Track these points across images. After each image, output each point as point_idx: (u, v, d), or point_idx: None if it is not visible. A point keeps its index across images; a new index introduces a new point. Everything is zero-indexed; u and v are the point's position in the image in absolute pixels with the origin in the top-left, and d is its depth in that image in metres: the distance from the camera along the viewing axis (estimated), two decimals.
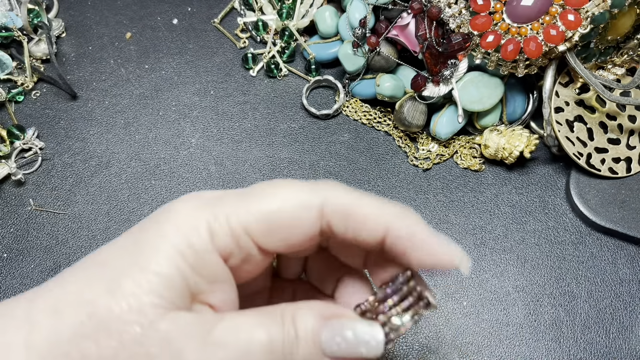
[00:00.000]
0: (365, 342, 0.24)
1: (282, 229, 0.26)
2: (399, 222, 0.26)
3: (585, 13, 0.38)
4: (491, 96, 0.42)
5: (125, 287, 0.24)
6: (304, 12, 0.49)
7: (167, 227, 0.25)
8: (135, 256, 0.25)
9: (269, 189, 0.26)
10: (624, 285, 0.40)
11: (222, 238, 0.25)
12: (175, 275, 0.24)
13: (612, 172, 0.42)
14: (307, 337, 0.25)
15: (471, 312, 0.39)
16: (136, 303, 0.23)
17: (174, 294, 0.24)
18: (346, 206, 0.26)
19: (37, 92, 0.48)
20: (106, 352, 0.23)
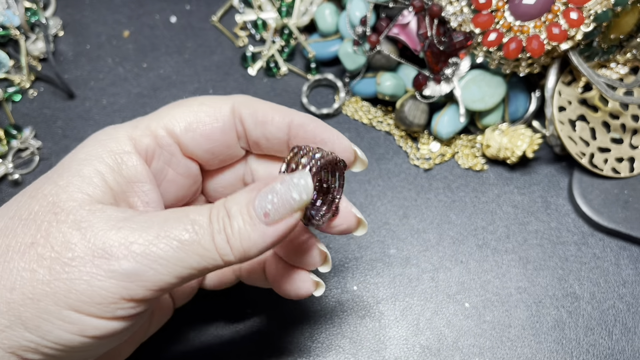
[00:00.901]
0: (294, 184, 0.25)
1: (200, 124, 0.29)
2: (300, 115, 0.30)
3: (588, 11, 0.38)
4: (493, 95, 0.41)
5: (45, 190, 0.26)
6: (304, 10, 0.48)
7: (88, 141, 0.28)
8: (59, 167, 0.27)
9: (185, 100, 0.30)
10: (627, 287, 0.39)
11: (142, 140, 0.28)
12: (94, 174, 0.26)
13: (615, 172, 0.42)
14: (241, 209, 0.25)
15: (473, 313, 0.39)
16: (54, 199, 0.25)
17: (94, 190, 0.26)
18: (253, 102, 0.29)
19: (34, 91, 0.48)
20: (25, 240, 0.24)
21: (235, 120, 0.29)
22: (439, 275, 0.40)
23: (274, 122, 0.29)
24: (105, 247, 0.23)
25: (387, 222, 0.42)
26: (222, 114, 0.29)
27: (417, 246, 0.41)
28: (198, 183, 0.32)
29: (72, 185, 0.25)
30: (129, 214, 0.25)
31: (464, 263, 0.40)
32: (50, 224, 0.24)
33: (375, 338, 0.38)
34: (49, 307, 0.23)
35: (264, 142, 0.30)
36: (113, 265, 0.23)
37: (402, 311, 0.39)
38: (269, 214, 0.24)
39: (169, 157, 0.29)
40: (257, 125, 0.29)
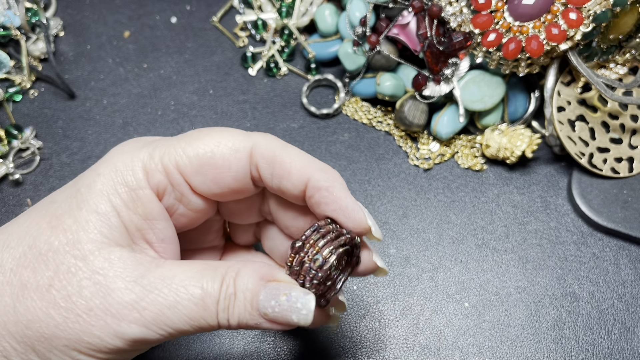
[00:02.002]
0: (296, 309, 0.25)
1: (212, 169, 0.27)
2: (319, 174, 0.27)
3: (587, 12, 0.38)
4: (493, 95, 0.41)
5: (65, 223, 0.26)
6: (304, 10, 0.48)
7: (104, 168, 0.27)
8: (75, 195, 0.26)
9: (204, 132, 0.28)
10: (626, 286, 0.39)
11: (155, 175, 0.27)
12: (111, 212, 0.26)
13: (614, 172, 0.42)
14: (246, 297, 0.26)
15: (472, 313, 0.39)
16: (73, 237, 0.25)
17: (110, 230, 0.26)
18: (273, 152, 0.27)
19: (35, 91, 0.48)
20: (42, 281, 0.25)
21: (251, 167, 0.28)
22: (439, 274, 0.40)
23: (290, 178, 0.27)
24: (119, 309, 0.24)
25: (387, 222, 0.42)
26: (237, 160, 0.27)
27: (417, 246, 0.41)
28: (211, 212, 0.31)
29: (90, 223, 0.25)
30: (143, 267, 0.25)
31: (463, 263, 0.40)
32: (68, 269, 0.25)
33: (374, 337, 0.38)
34: (61, 347, 0.25)
35: (280, 193, 0.29)
36: (123, 328, 0.24)
37: (401, 311, 0.39)
38: (268, 315, 0.26)
39: (180, 196, 0.28)
40: (273, 177, 0.28)
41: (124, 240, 0.26)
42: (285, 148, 0.28)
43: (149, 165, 0.27)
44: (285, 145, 0.28)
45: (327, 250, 0.26)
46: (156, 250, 0.27)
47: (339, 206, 0.27)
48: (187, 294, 0.25)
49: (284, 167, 0.27)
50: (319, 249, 0.26)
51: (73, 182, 0.28)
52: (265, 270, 0.27)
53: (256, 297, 0.26)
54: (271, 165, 0.27)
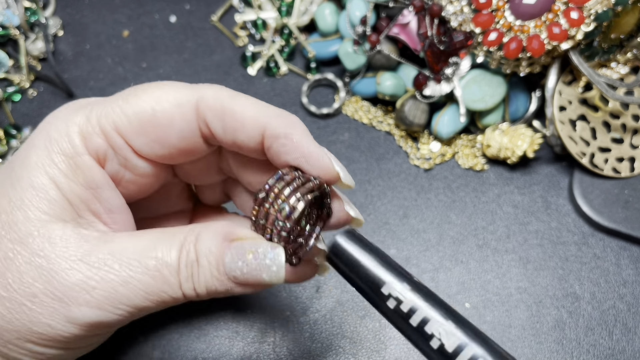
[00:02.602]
0: (266, 266, 0.23)
1: (154, 128, 0.24)
2: (276, 120, 0.25)
3: (589, 11, 0.38)
4: (494, 95, 0.41)
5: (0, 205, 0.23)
6: (304, 9, 0.48)
7: (37, 139, 0.24)
8: (9, 174, 0.24)
9: (142, 88, 0.25)
10: (628, 287, 0.39)
11: (93, 139, 0.24)
12: (48, 185, 0.23)
13: (616, 172, 0.41)
14: (210, 261, 0.23)
15: (473, 313, 0.39)
16: (8, 219, 0.23)
17: (50, 205, 0.23)
18: (222, 102, 0.24)
19: (33, 91, 0.48)
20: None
21: (199, 122, 0.25)
22: (439, 275, 0.40)
23: (244, 129, 0.24)
24: (65, 291, 0.22)
25: (387, 222, 0.42)
26: (181, 116, 0.24)
27: (417, 246, 0.41)
28: (164, 176, 0.28)
29: (26, 200, 0.23)
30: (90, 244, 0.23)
31: (464, 263, 0.40)
32: (6, 255, 0.23)
33: (375, 338, 0.38)
34: (13, 339, 0.23)
35: (236, 148, 0.26)
36: (74, 312, 0.22)
37: None
38: (238, 278, 0.23)
39: (124, 160, 0.25)
40: (226, 131, 0.25)
41: (67, 215, 0.24)
42: (234, 97, 0.25)
43: (85, 129, 0.24)
44: (235, 94, 0.25)
45: (293, 198, 0.23)
46: (105, 222, 0.25)
47: (301, 153, 0.24)
48: (140, 267, 0.23)
49: (235, 117, 0.24)
50: (285, 197, 0.23)
51: (9, 160, 0.25)
52: (228, 230, 0.24)
53: (221, 260, 0.23)
54: (221, 117, 0.24)
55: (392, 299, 0.23)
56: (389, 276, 0.23)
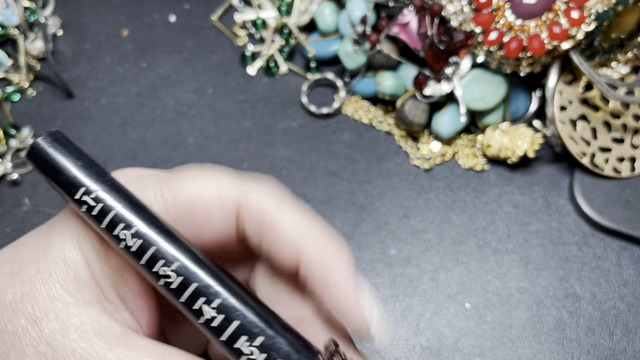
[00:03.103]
0: None
1: (190, 222, 0.23)
2: (314, 253, 0.22)
3: (589, 10, 0.37)
4: (494, 94, 0.41)
5: (27, 272, 0.22)
6: (304, 9, 0.48)
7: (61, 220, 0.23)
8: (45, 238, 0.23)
9: (188, 175, 0.24)
10: (628, 287, 0.39)
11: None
12: (80, 261, 0.22)
13: (616, 172, 0.41)
14: None
15: (473, 314, 0.39)
16: (30, 291, 0.21)
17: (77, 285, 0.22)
18: (263, 214, 0.22)
19: (33, 90, 0.48)
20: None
21: (237, 226, 0.23)
22: (440, 275, 0.40)
23: (280, 250, 0.22)
24: None
25: (387, 222, 0.42)
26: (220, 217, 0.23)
27: (418, 246, 0.41)
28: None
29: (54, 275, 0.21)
30: (105, 343, 0.21)
31: (464, 263, 0.40)
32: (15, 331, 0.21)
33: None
34: None
35: (271, 263, 0.24)
36: None
37: (402, 312, 0.39)
38: None
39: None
40: (262, 245, 0.23)
41: (93, 297, 0.22)
42: (279, 207, 0.22)
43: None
44: (281, 202, 0.22)
45: None
46: (130, 309, 0.23)
47: (330, 295, 0.22)
48: None
49: (273, 235, 0.22)
50: None
51: (50, 222, 0.24)
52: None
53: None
54: (259, 231, 0.22)
55: (85, 204, 0.21)
56: (85, 180, 0.22)
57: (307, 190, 0.43)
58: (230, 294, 0.21)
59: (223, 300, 0.21)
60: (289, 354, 0.20)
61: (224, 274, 0.22)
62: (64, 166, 0.22)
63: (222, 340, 0.21)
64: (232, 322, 0.21)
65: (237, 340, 0.21)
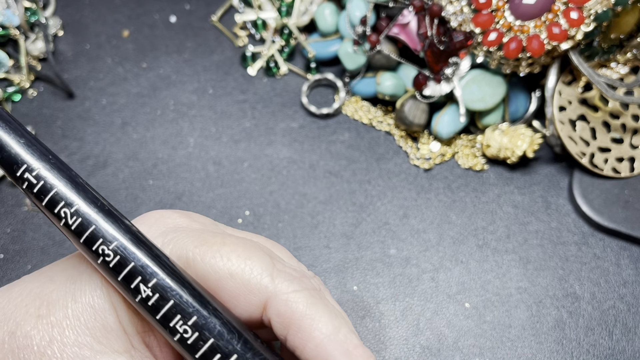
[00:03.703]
0: None
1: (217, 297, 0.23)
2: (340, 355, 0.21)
3: (589, 11, 0.38)
4: (493, 95, 0.41)
5: (54, 315, 0.22)
6: (304, 9, 0.48)
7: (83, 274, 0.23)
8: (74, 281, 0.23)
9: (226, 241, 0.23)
10: (628, 287, 0.39)
11: None
12: (108, 310, 0.22)
13: (616, 172, 0.41)
14: None
15: (473, 313, 0.39)
16: (58, 336, 0.22)
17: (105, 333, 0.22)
18: (292, 314, 0.22)
19: (33, 91, 0.48)
20: None
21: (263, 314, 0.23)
22: (439, 275, 0.40)
23: (304, 351, 0.22)
24: None
25: (387, 222, 0.42)
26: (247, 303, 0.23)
27: (417, 246, 0.41)
28: None
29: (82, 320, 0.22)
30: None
31: (464, 263, 0.40)
32: None
33: (375, 338, 0.38)
34: None
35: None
36: None
37: (402, 311, 0.39)
38: None
39: None
40: (287, 340, 0.22)
41: (121, 345, 0.22)
42: (309, 312, 0.22)
43: None
44: (310, 305, 0.22)
45: None
46: (155, 356, 0.24)
47: None
48: None
49: (301, 336, 0.22)
50: None
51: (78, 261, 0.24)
52: None
53: None
54: (286, 328, 0.22)
55: (25, 182, 0.22)
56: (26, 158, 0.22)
57: (307, 190, 0.43)
58: (167, 274, 0.21)
59: (159, 280, 0.21)
60: (222, 333, 0.21)
61: (164, 257, 0.22)
62: (5, 143, 0.22)
63: (157, 319, 0.21)
64: (168, 302, 0.21)
65: (171, 320, 0.21)
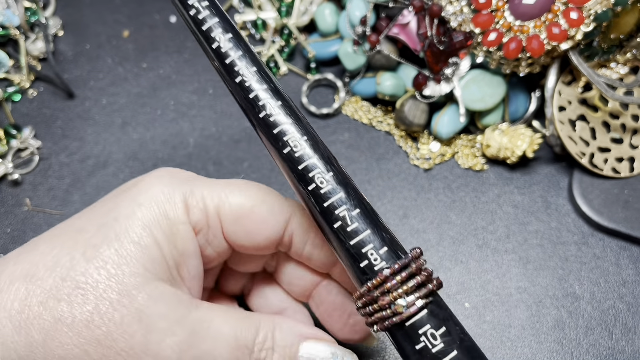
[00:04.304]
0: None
1: (250, 223, 0.27)
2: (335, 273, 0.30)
3: (588, 11, 0.38)
4: (493, 95, 0.41)
5: (104, 255, 0.24)
6: (304, 9, 0.48)
7: (142, 197, 0.26)
8: (112, 224, 0.25)
9: (248, 186, 0.28)
10: (627, 287, 0.39)
11: (195, 213, 0.26)
12: (153, 245, 0.25)
13: (615, 172, 0.41)
14: (285, 351, 0.26)
15: (473, 313, 0.39)
16: (115, 271, 0.24)
17: (153, 264, 0.24)
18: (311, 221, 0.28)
19: (33, 91, 0.48)
20: (81, 316, 0.23)
21: (284, 236, 0.28)
22: (439, 275, 0.40)
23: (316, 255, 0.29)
24: (159, 351, 0.24)
25: (387, 222, 0.42)
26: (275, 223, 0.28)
27: (417, 246, 0.41)
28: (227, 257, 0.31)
29: (133, 256, 0.24)
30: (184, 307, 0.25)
31: (464, 263, 0.40)
32: (111, 304, 0.23)
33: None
34: None
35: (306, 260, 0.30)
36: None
37: None
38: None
39: (212, 237, 0.28)
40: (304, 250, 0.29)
41: (165, 275, 0.25)
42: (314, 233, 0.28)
43: (190, 201, 0.26)
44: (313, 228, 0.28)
45: (412, 297, 0.23)
46: (188, 287, 0.27)
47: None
48: (223, 342, 0.25)
49: (321, 236, 0.28)
50: (406, 291, 0.23)
51: (105, 210, 0.26)
52: (304, 327, 0.27)
53: (295, 354, 0.26)
54: (307, 233, 0.28)
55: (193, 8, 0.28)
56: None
57: None
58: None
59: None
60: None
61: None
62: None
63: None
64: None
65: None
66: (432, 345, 0.22)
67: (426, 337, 0.22)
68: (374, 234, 0.24)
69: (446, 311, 0.23)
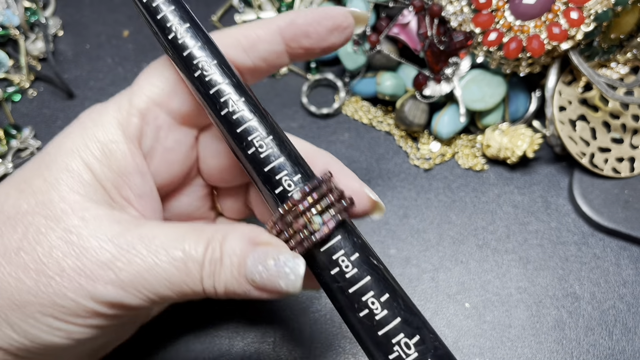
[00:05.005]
0: (285, 274, 0.23)
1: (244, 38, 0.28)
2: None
3: (589, 11, 0.38)
4: (493, 95, 0.41)
5: (34, 185, 0.25)
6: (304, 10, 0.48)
7: (74, 126, 0.26)
8: (43, 157, 0.25)
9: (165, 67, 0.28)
10: (628, 287, 0.39)
11: (130, 121, 0.26)
12: (83, 169, 0.25)
13: (616, 172, 0.41)
14: (233, 261, 0.24)
15: (473, 313, 0.39)
16: (43, 198, 0.24)
17: (84, 188, 0.25)
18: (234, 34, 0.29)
19: (33, 91, 0.48)
20: (11, 245, 0.24)
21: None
22: (439, 275, 0.40)
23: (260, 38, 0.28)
24: (94, 269, 0.23)
25: (387, 222, 0.42)
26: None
27: (417, 246, 0.41)
28: (191, 159, 0.29)
29: (62, 182, 0.24)
30: (121, 226, 0.24)
31: (464, 263, 0.40)
32: (38, 229, 0.24)
33: None
34: (35, 314, 0.23)
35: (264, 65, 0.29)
36: (98, 289, 0.23)
37: None
38: (256, 282, 0.24)
39: (156, 132, 0.27)
40: (246, 52, 0.28)
41: (100, 197, 0.25)
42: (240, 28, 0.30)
43: (120, 116, 0.26)
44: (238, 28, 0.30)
45: (327, 214, 0.23)
46: (136, 208, 0.26)
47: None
48: (167, 257, 0.23)
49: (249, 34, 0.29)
50: (320, 210, 0.23)
51: (41, 150, 0.27)
52: (254, 234, 0.25)
53: (243, 262, 0.24)
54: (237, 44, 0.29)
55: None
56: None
57: None
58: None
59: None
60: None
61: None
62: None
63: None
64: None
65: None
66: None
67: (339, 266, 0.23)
68: (287, 161, 0.24)
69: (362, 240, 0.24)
